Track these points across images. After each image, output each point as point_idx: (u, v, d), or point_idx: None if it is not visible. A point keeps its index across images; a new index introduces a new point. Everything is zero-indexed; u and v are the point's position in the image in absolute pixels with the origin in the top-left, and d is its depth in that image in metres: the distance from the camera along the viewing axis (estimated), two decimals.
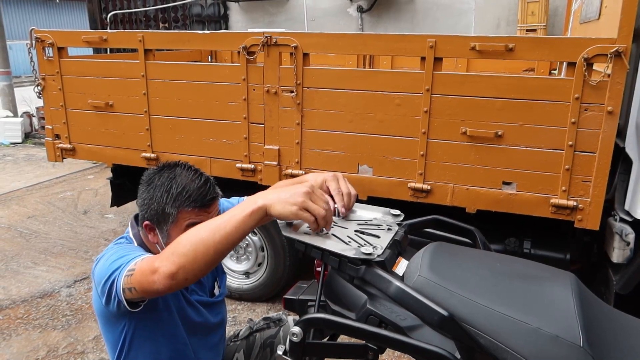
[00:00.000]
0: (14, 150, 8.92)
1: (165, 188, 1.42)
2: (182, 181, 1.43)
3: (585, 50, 2.32)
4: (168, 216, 1.42)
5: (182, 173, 1.45)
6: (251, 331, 1.90)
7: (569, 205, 2.48)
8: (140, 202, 1.49)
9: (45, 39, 3.49)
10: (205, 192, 1.43)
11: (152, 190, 1.44)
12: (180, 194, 1.41)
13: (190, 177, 1.44)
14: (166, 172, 1.46)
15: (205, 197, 1.43)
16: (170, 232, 1.43)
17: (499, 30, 5.71)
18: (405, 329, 1.21)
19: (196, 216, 1.42)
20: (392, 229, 1.43)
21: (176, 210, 1.41)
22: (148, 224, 1.46)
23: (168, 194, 1.41)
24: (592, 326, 1.11)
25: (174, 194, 1.41)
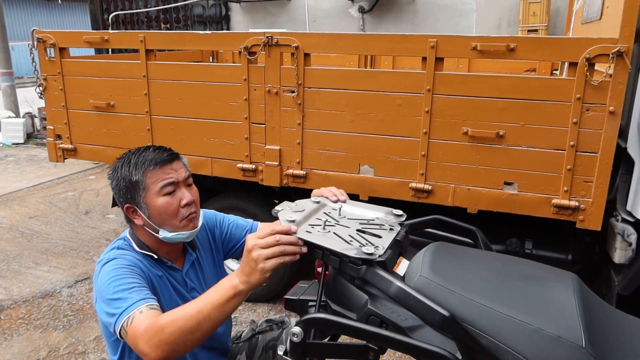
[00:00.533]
0: (16, 151, 8.93)
1: (125, 162, 1.48)
2: (138, 152, 1.49)
3: (586, 50, 2.31)
4: (137, 185, 1.45)
5: (136, 150, 1.52)
6: (253, 333, 1.90)
7: (571, 206, 2.48)
8: (113, 190, 1.53)
9: (47, 39, 3.50)
10: (163, 151, 1.49)
11: (116, 173, 1.49)
12: (139, 160, 1.46)
13: (143, 148, 1.51)
14: (122, 155, 1.53)
15: (163, 154, 1.48)
16: (147, 201, 1.45)
17: (501, 30, 5.71)
18: (406, 329, 1.20)
19: (163, 174, 1.46)
20: (394, 229, 1.42)
21: (142, 176, 1.44)
22: (129, 206, 1.48)
23: (129, 165, 1.46)
24: (594, 327, 1.11)
25: (134, 162, 1.46)
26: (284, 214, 1.39)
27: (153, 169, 1.45)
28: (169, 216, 1.46)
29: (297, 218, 1.36)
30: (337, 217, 1.46)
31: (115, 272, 1.38)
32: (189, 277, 1.60)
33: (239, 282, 1.22)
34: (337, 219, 1.44)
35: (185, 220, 1.48)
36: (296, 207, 1.45)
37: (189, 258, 1.62)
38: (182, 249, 1.62)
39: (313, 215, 1.43)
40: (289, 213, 1.39)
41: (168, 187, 1.45)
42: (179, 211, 1.47)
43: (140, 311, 1.27)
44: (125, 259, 1.44)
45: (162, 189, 1.45)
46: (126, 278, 1.37)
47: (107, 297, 1.33)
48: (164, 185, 1.45)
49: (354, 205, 1.55)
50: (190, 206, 1.49)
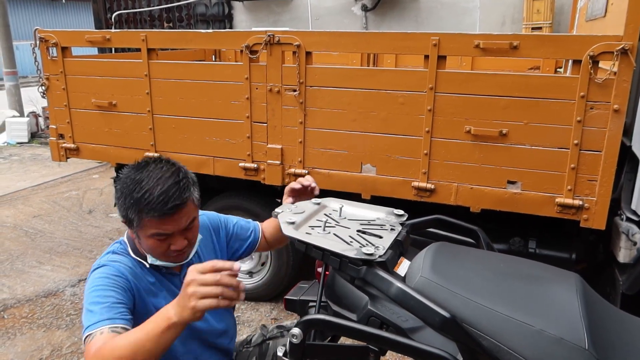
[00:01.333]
0: (20, 150, 8.96)
1: (128, 190, 1.35)
2: (146, 184, 1.34)
3: (591, 47, 2.29)
4: (132, 220, 1.37)
5: (151, 174, 1.36)
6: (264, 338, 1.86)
7: (575, 205, 2.46)
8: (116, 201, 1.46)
9: (49, 38, 3.50)
10: (167, 199, 1.32)
11: (120, 189, 1.38)
12: (140, 200, 1.32)
13: (156, 179, 1.35)
14: (136, 171, 1.39)
15: (166, 204, 1.32)
16: (139, 234, 1.39)
17: (504, 28, 5.67)
18: (406, 330, 1.19)
19: (158, 226, 1.35)
20: (395, 229, 1.41)
21: (137, 217, 1.34)
22: (124, 221, 1.44)
23: (130, 198, 1.34)
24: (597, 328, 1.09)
25: (135, 198, 1.33)
26: (283, 216, 1.38)
27: (150, 218, 1.34)
28: (156, 253, 1.43)
29: (297, 220, 1.35)
30: (338, 218, 1.45)
31: (98, 282, 1.35)
32: None
33: (174, 314, 1.15)
34: (337, 220, 1.43)
35: (172, 257, 1.45)
36: (296, 209, 1.45)
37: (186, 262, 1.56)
38: None
39: (313, 217, 1.42)
40: (289, 215, 1.39)
41: (160, 236, 1.38)
42: (167, 251, 1.42)
43: (101, 332, 1.24)
44: (114, 267, 1.40)
45: (154, 236, 1.38)
46: (105, 290, 1.33)
47: (85, 305, 1.33)
48: (155, 234, 1.38)
49: (355, 206, 1.54)
50: (181, 250, 1.44)
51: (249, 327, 3.39)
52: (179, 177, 1.37)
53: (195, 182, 1.45)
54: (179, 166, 1.43)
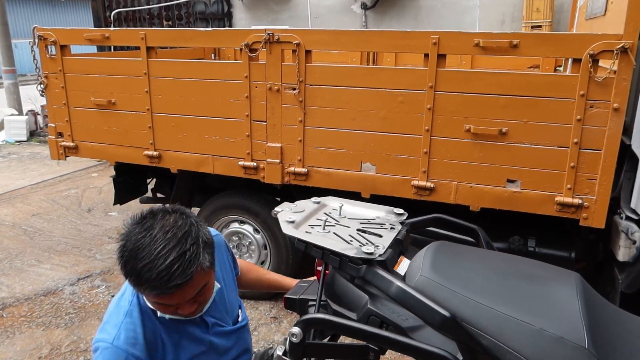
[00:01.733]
0: (19, 148, 8.95)
1: (128, 256, 1.17)
2: (147, 256, 1.15)
3: (590, 46, 2.29)
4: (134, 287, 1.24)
5: (155, 240, 1.17)
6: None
7: (574, 203, 2.46)
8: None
9: (48, 36, 3.49)
10: (169, 277, 1.15)
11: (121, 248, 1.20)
12: (140, 274, 1.16)
13: (159, 249, 1.16)
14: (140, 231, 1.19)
15: (168, 282, 1.15)
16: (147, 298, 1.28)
17: (504, 26, 5.67)
18: (406, 329, 1.19)
19: (160, 300, 1.22)
20: (394, 228, 1.41)
21: (137, 287, 1.21)
22: None
23: (128, 265, 1.17)
24: (597, 327, 1.09)
25: (134, 270, 1.16)
26: (283, 214, 1.38)
27: (149, 293, 1.20)
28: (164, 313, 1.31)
29: (296, 219, 1.35)
30: (338, 217, 1.45)
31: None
32: (209, 315, 1.42)
33: None
34: (337, 218, 1.43)
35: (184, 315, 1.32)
36: (296, 208, 1.44)
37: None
38: None
39: (313, 216, 1.42)
40: (289, 214, 1.38)
41: (163, 306, 1.27)
42: (175, 313, 1.29)
43: None
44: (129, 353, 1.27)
45: (155, 304, 1.27)
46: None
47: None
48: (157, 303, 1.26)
49: (355, 204, 1.54)
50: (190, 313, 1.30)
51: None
52: (185, 247, 1.18)
53: (208, 243, 1.25)
54: (189, 227, 1.21)
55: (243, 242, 3.61)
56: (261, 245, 3.54)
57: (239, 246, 3.63)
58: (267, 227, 3.45)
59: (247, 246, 3.60)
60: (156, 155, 3.37)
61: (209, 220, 3.62)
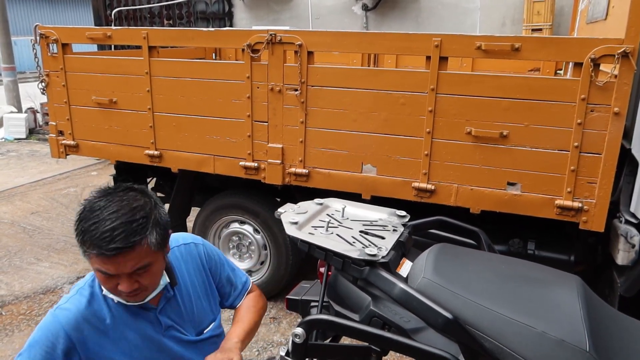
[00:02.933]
0: (18, 146, 8.94)
1: (82, 216, 1.24)
2: (98, 216, 1.22)
3: (592, 50, 2.30)
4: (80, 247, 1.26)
5: (109, 205, 1.24)
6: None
7: (574, 207, 2.47)
8: None
9: (50, 35, 3.49)
10: (110, 239, 1.19)
11: (79, 211, 1.27)
12: (86, 231, 1.21)
13: (110, 212, 1.23)
14: (99, 197, 1.28)
15: (108, 244, 1.19)
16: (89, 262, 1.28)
17: (505, 29, 5.69)
18: (408, 331, 1.20)
19: (99, 264, 1.24)
20: (397, 230, 1.42)
21: (81, 247, 1.24)
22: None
23: (79, 224, 1.24)
24: (598, 330, 1.10)
25: (83, 228, 1.22)
26: (286, 216, 1.38)
27: (93, 254, 1.23)
28: (105, 288, 1.33)
29: (299, 220, 1.36)
30: (340, 218, 1.45)
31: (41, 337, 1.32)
32: (165, 315, 1.44)
33: None
34: (340, 220, 1.44)
35: (123, 296, 1.32)
36: (299, 209, 1.45)
37: (165, 295, 1.44)
38: None
39: (316, 217, 1.43)
40: (292, 215, 1.39)
41: (102, 273, 1.27)
42: (117, 290, 1.30)
43: None
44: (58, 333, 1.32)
45: (97, 270, 1.28)
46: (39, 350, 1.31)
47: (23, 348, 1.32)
48: (98, 270, 1.27)
49: (357, 206, 1.55)
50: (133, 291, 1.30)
51: None
52: (135, 217, 1.23)
53: (160, 224, 1.30)
54: (144, 204, 1.28)
55: (243, 242, 3.61)
56: (261, 246, 3.54)
57: (239, 246, 3.64)
58: (267, 228, 3.45)
59: (247, 246, 3.61)
60: (157, 155, 3.38)
61: (210, 220, 3.62)
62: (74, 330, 1.34)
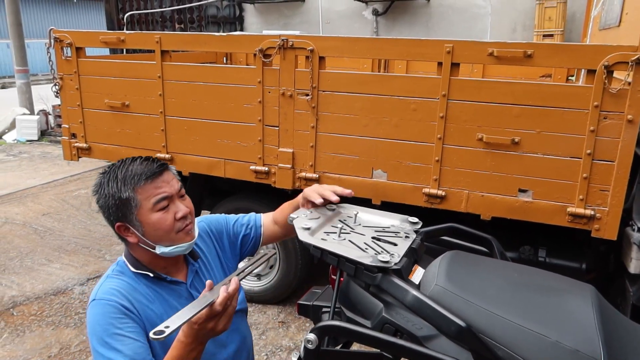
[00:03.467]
0: (30, 148, 9.03)
1: (111, 177, 1.37)
2: (124, 165, 1.39)
3: (605, 57, 2.29)
4: (128, 202, 1.35)
5: (121, 163, 1.41)
6: None
7: (586, 215, 2.45)
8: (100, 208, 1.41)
9: (64, 39, 3.53)
10: (151, 163, 1.39)
11: (102, 189, 1.38)
12: (127, 174, 1.36)
13: (129, 160, 1.41)
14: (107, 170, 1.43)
15: (152, 165, 1.38)
16: (140, 218, 1.36)
17: (515, 35, 5.66)
18: (421, 338, 1.19)
19: (155, 189, 1.36)
20: (409, 237, 1.42)
21: (132, 192, 1.34)
22: (120, 225, 1.38)
23: (116, 180, 1.36)
24: (612, 340, 1.09)
25: (121, 177, 1.36)
26: (299, 221, 1.39)
27: (144, 184, 1.34)
28: (164, 232, 1.38)
29: (312, 225, 1.36)
30: (353, 224, 1.45)
31: (107, 321, 1.30)
32: (194, 289, 1.50)
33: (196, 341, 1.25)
34: (352, 226, 1.44)
35: (181, 232, 1.40)
36: (311, 215, 1.45)
37: (191, 269, 1.51)
38: (182, 261, 1.52)
39: (328, 223, 1.43)
40: (304, 220, 1.39)
41: (162, 202, 1.36)
42: (175, 225, 1.38)
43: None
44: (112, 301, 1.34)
45: (156, 205, 1.35)
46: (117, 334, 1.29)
47: (98, 349, 1.29)
48: (158, 200, 1.35)
49: (370, 212, 1.55)
50: (186, 218, 1.41)
51: (256, 330, 3.40)
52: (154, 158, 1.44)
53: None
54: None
55: None
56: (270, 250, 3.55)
57: None
58: None
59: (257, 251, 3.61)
60: (168, 158, 3.40)
61: None
62: (125, 301, 1.36)
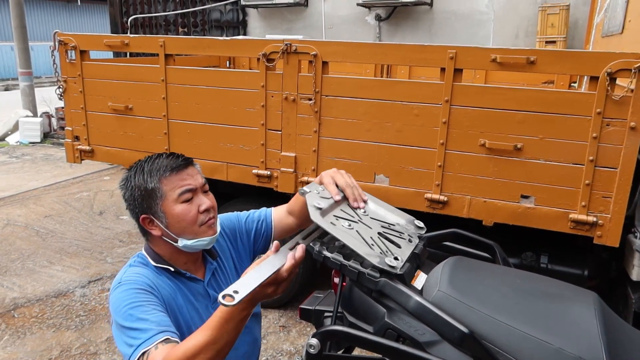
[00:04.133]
0: (33, 150, 9.05)
1: (138, 170, 1.43)
2: (151, 159, 1.44)
3: (608, 64, 2.29)
4: (154, 193, 1.39)
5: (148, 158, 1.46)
6: None
7: (589, 221, 2.45)
8: (126, 202, 1.45)
9: (68, 42, 3.54)
10: (176, 158, 1.44)
11: (129, 182, 1.43)
12: (153, 167, 1.41)
13: (156, 156, 1.46)
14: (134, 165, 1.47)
15: (178, 160, 1.43)
16: (164, 209, 1.39)
17: (518, 41, 5.68)
18: (423, 344, 1.19)
19: (180, 181, 1.40)
20: (412, 241, 1.42)
21: (158, 183, 1.39)
22: (145, 217, 1.41)
23: (143, 173, 1.41)
24: (616, 348, 1.09)
25: (148, 169, 1.41)
26: (311, 197, 1.37)
27: (169, 175, 1.39)
28: (188, 224, 1.40)
29: (323, 206, 1.35)
30: (361, 213, 1.46)
31: (131, 298, 1.31)
32: (211, 287, 1.52)
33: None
34: (360, 215, 1.44)
35: (204, 226, 1.43)
36: (324, 192, 1.45)
37: (209, 267, 1.54)
38: (201, 259, 1.54)
39: (338, 206, 1.42)
40: (317, 198, 1.38)
41: (186, 194, 1.40)
42: (198, 217, 1.41)
43: (156, 347, 1.21)
44: (138, 281, 1.36)
45: (181, 196, 1.39)
46: (142, 306, 1.30)
47: (123, 324, 1.28)
48: (182, 192, 1.39)
49: (378, 204, 1.55)
50: (209, 212, 1.44)
51: None
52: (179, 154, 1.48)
53: None
54: None
55: None
56: None
57: None
58: None
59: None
60: None
61: None
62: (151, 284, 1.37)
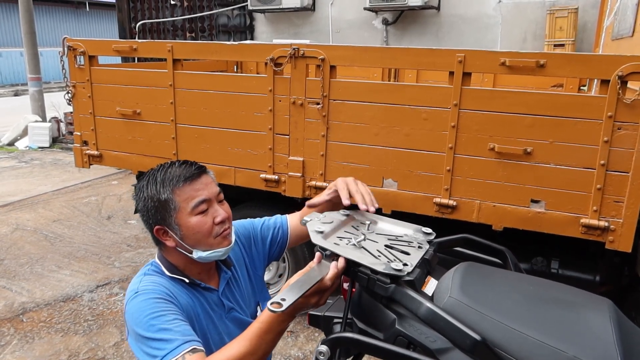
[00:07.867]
0: (42, 154, 9.11)
1: (151, 181, 1.40)
2: (163, 168, 1.42)
3: (619, 67, 2.27)
4: (167, 204, 1.36)
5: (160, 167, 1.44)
6: None
7: (600, 226, 2.42)
8: (140, 212, 1.43)
9: (77, 47, 3.56)
10: (189, 166, 1.42)
11: (142, 193, 1.41)
12: (166, 177, 1.38)
13: (168, 164, 1.44)
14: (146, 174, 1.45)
15: (191, 168, 1.40)
16: (178, 221, 1.36)
17: (526, 44, 5.65)
18: (434, 351, 1.18)
19: (194, 192, 1.37)
20: (422, 247, 1.40)
21: (171, 194, 1.36)
22: (159, 228, 1.39)
23: (155, 183, 1.38)
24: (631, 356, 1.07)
25: (160, 179, 1.38)
26: (312, 224, 1.38)
27: (182, 185, 1.36)
28: (202, 236, 1.38)
29: (325, 230, 1.35)
30: (366, 231, 1.44)
31: (151, 307, 1.28)
32: (225, 297, 1.50)
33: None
34: (365, 233, 1.43)
35: (219, 237, 1.40)
36: (325, 219, 1.44)
37: (223, 277, 1.51)
38: (215, 268, 1.52)
39: (341, 228, 1.42)
40: (318, 224, 1.38)
41: (201, 205, 1.37)
42: (213, 229, 1.39)
43: (183, 357, 1.20)
44: (156, 290, 1.33)
45: (195, 209, 1.36)
46: (164, 315, 1.27)
47: (145, 334, 1.25)
48: (197, 204, 1.36)
49: (383, 220, 1.53)
50: (225, 223, 1.41)
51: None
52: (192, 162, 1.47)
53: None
54: None
55: None
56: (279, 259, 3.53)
57: None
58: None
59: None
60: None
61: None
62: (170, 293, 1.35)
